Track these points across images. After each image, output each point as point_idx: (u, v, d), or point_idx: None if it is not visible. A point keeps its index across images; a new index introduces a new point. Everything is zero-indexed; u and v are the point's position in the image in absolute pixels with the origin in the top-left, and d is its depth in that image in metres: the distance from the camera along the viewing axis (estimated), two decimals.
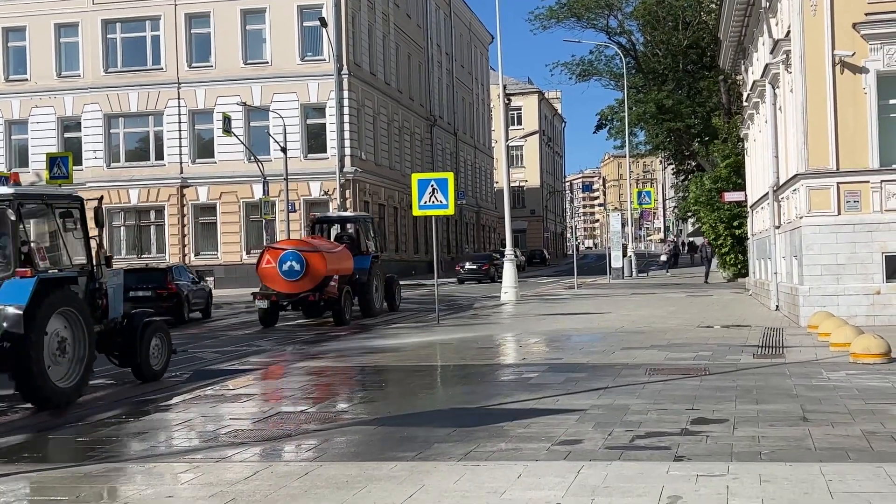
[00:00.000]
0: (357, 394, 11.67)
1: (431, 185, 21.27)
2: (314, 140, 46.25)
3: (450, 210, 21.61)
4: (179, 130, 46.59)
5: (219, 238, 46.42)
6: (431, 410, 9.79)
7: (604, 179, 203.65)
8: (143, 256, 45.60)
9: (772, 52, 20.60)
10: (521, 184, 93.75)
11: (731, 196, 31.54)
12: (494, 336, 18.69)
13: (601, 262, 52.52)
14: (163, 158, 46.97)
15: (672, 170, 68.68)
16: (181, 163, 46.64)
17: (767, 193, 22.51)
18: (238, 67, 45.98)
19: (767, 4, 22.11)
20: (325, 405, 10.60)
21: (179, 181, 46.45)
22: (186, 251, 46.35)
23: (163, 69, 46.67)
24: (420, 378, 12.73)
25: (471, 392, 11.11)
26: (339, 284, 23.22)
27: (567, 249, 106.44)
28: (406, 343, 17.41)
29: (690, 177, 50.08)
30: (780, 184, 21.27)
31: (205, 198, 46.58)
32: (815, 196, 17.90)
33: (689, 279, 42.67)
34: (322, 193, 45.49)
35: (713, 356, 13.52)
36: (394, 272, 31.27)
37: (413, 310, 26.88)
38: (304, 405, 10.55)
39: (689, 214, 53.16)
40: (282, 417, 9.69)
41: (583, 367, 12.67)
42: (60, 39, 47.48)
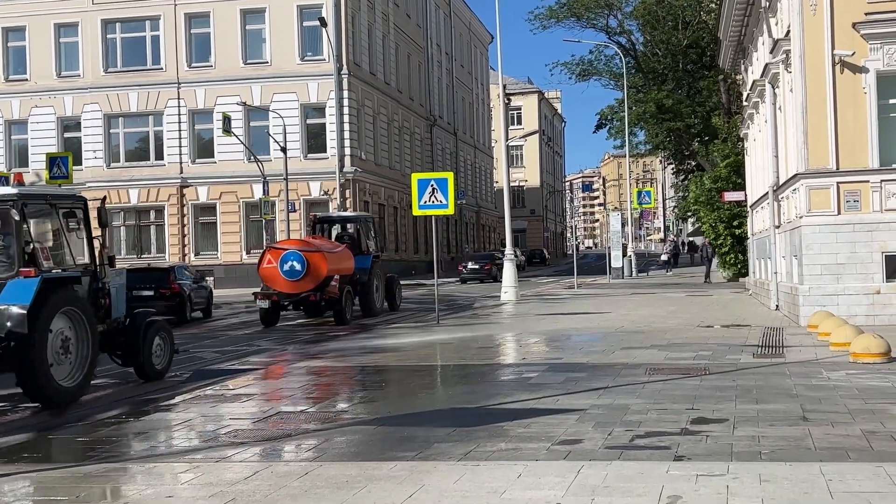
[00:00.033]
0: (357, 394, 11.67)
1: (431, 185, 21.28)
2: (314, 140, 46.25)
3: (450, 210, 21.62)
4: (179, 130, 46.59)
5: (219, 238, 46.42)
6: (431, 410, 9.80)
7: (604, 179, 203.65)
8: (143, 256, 45.58)
9: (771, 52, 20.60)
10: (521, 183, 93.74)
11: (731, 196, 31.55)
12: (494, 336, 18.69)
13: (601, 262, 52.52)
14: (163, 158, 46.97)
15: (672, 169, 68.67)
16: (181, 163, 46.63)
17: (767, 193, 22.52)
18: (238, 67, 45.98)
19: (767, 4, 22.11)
20: (325, 405, 10.61)
21: (179, 181, 46.45)
22: (186, 251, 46.35)
23: (163, 69, 46.67)
24: (420, 378, 12.73)
25: (471, 392, 11.11)
26: (340, 284, 23.22)
27: (567, 249, 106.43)
28: (406, 343, 17.41)
29: (690, 176, 50.09)
30: (780, 183, 21.27)
31: (205, 198, 46.59)
32: (815, 196, 17.91)
33: (690, 279, 42.67)
34: (322, 193, 45.49)
35: (713, 356, 13.52)
36: (394, 272, 31.27)
37: (413, 310, 26.88)
38: (304, 405, 10.56)
39: (689, 214, 53.16)
40: (282, 417, 9.69)
41: (583, 367, 12.67)
42: (60, 39, 47.48)
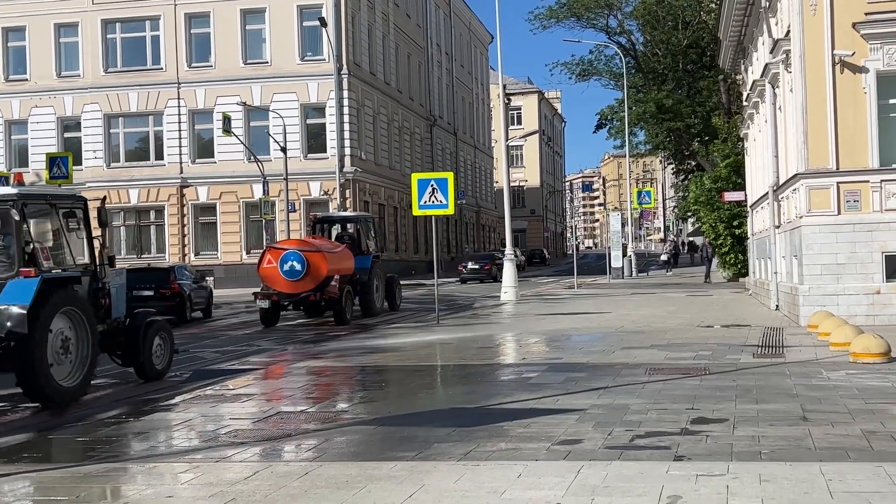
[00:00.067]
0: (357, 394, 11.67)
1: (431, 185, 21.28)
2: (314, 140, 46.24)
3: (450, 210, 21.63)
4: (179, 130, 46.59)
5: (219, 238, 46.42)
6: (431, 410, 9.80)
7: (604, 179, 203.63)
8: (143, 256, 45.59)
9: (771, 52, 20.60)
10: (521, 183, 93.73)
11: (731, 196, 31.55)
12: (494, 336, 18.69)
13: (601, 262, 52.51)
14: (163, 158, 46.97)
15: (672, 169, 68.68)
16: (181, 163, 46.63)
17: (767, 193, 22.51)
18: (238, 67, 45.98)
19: (767, 4, 22.11)
20: (325, 405, 10.61)
21: (179, 181, 46.45)
22: (186, 251, 46.34)
23: (163, 69, 46.67)
24: (420, 378, 12.73)
25: (471, 392, 11.11)
26: (340, 284, 23.23)
27: (567, 249, 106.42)
28: (406, 343, 17.41)
29: (690, 176, 50.08)
30: (780, 183, 21.27)
31: (205, 198, 46.58)
32: (815, 196, 17.90)
33: (689, 279, 42.66)
34: (322, 193, 45.49)
35: (713, 356, 13.52)
36: (394, 272, 31.27)
37: (413, 310, 26.88)
38: (304, 405, 10.56)
39: (689, 214, 53.15)
40: (282, 417, 9.69)
41: (583, 367, 12.67)
42: (60, 39, 47.48)
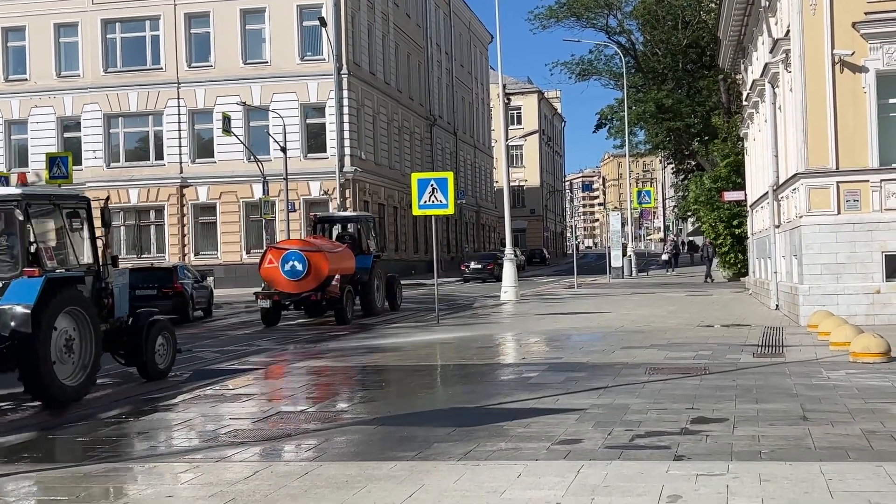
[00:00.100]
0: (357, 393, 11.67)
1: (431, 185, 21.29)
2: (314, 140, 46.24)
3: (449, 209, 21.64)
4: (179, 130, 46.58)
5: (219, 238, 46.43)
6: (431, 410, 9.79)
7: (603, 179, 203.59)
8: (143, 256, 45.60)
9: (771, 52, 20.60)
10: (521, 183, 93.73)
11: (731, 195, 31.55)
12: (494, 335, 18.69)
13: (601, 262, 52.51)
14: (162, 158, 46.97)
15: (672, 169, 68.68)
16: (181, 163, 46.63)
17: (767, 193, 22.51)
18: (238, 67, 45.98)
19: (767, 4, 22.11)
20: (325, 405, 10.61)
21: (179, 181, 46.45)
22: (186, 251, 46.34)
23: (162, 69, 46.66)
24: (420, 378, 12.73)
25: (471, 391, 11.11)
26: (341, 284, 23.25)
27: (567, 249, 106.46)
28: (406, 342, 17.41)
29: (690, 176, 50.08)
30: (780, 183, 21.27)
31: (205, 197, 46.58)
32: (815, 195, 17.90)
33: (690, 278, 42.67)
34: (322, 193, 45.49)
35: (713, 355, 13.52)
36: (393, 272, 31.29)
37: (413, 309, 26.88)
38: (304, 405, 10.56)
39: (689, 214, 53.15)
40: (282, 417, 9.69)
41: (583, 367, 12.67)
42: (60, 39, 47.47)
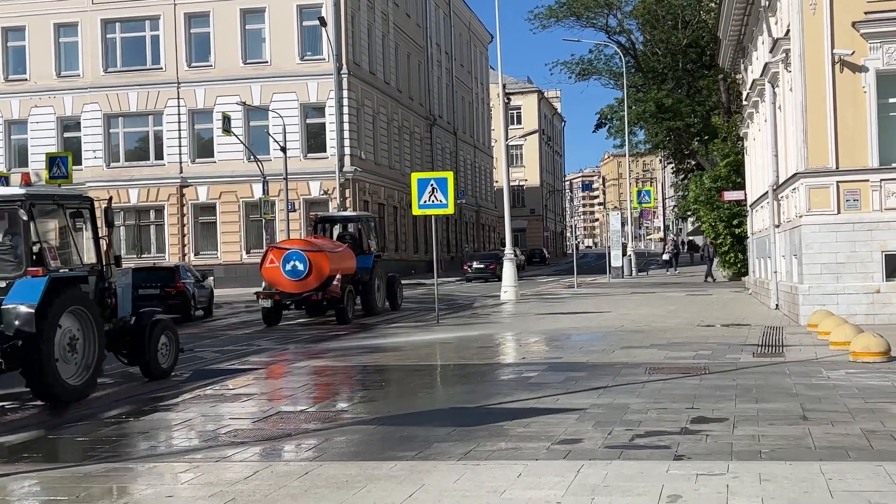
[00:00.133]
0: (357, 393, 11.67)
1: (431, 185, 21.29)
2: (314, 139, 46.23)
3: (449, 209, 21.65)
4: (179, 130, 46.57)
5: (218, 238, 46.41)
6: (431, 410, 9.79)
7: (603, 178, 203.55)
8: (143, 256, 45.59)
9: (771, 51, 20.60)
10: (521, 183, 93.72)
11: (731, 195, 31.55)
12: (494, 335, 18.68)
13: (601, 261, 52.52)
14: (162, 158, 46.95)
15: (672, 169, 68.66)
16: (181, 162, 46.61)
17: (767, 192, 22.51)
18: (237, 67, 45.96)
19: (767, 3, 22.10)
20: (325, 405, 10.61)
21: (179, 181, 46.43)
22: (186, 251, 46.33)
23: (162, 69, 46.65)
24: (420, 377, 12.73)
25: (470, 391, 11.11)
26: (342, 284, 23.27)
27: (567, 248, 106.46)
28: (406, 342, 17.41)
29: (690, 176, 50.06)
30: (780, 183, 21.27)
31: (204, 197, 46.57)
32: (815, 195, 17.91)
33: (689, 278, 42.67)
34: (322, 193, 45.48)
35: (713, 355, 13.53)
36: (394, 272, 31.30)
37: (413, 309, 26.89)
38: (304, 405, 10.57)
39: (689, 213, 53.13)
40: (282, 417, 9.69)
41: (582, 367, 12.67)
42: (60, 39, 47.45)
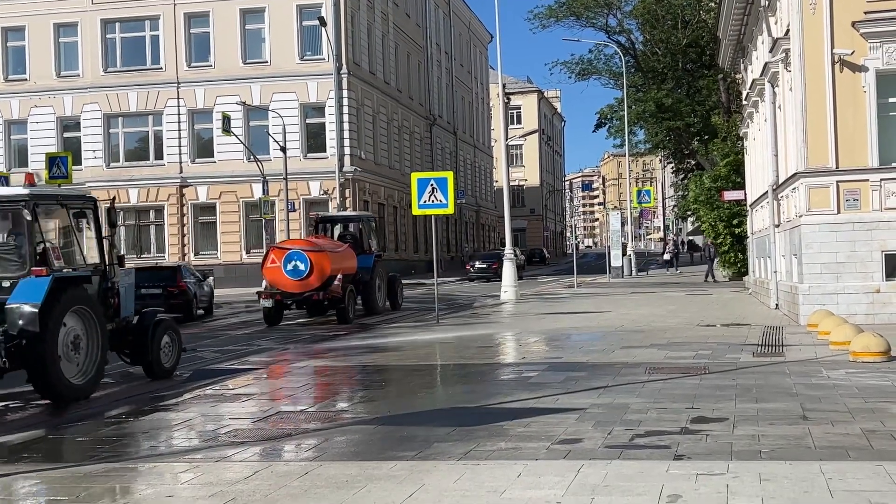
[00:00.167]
0: (357, 393, 11.67)
1: (431, 185, 21.29)
2: (314, 139, 46.22)
3: (449, 209, 21.66)
4: (179, 130, 46.55)
5: (218, 238, 46.41)
6: (431, 410, 9.79)
7: (603, 178, 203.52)
8: (143, 256, 45.57)
9: (771, 51, 20.60)
10: (521, 183, 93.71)
11: (731, 195, 31.56)
12: (494, 335, 18.69)
13: (601, 261, 52.52)
14: (162, 158, 46.93)
15: (671, 168, 68.64)
16: (181, 162, 46.60)
17: (767, 192, 22.51)
18: (237, 67, 45.94)
19: (767, 3, 22.10)
20: (325, 404, 10.62)
21: (179, 181, 46.42)
22: (186, 251, 46.32)
23: (162, 69, 46.63)
24: (420, 377, 12.73)
25: (470, 391, 11.11)
26: (343, 283, 23.30)
27: (567, 248, 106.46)
28: (406, 342, 17.41)
29: (690, 175, 50.07)
30: (780, 182, 21.27)
31: (204, 197, 46.55)
32: (815, 194, 17.91)
33: (689, 278, 42.67)
34: (322, 193, 45.47)
35: (713, 355, 13.53)
36: (394, 271, 31.31)
37: (413, 309, 26.89)
38: (304, 404, 10.57)
39: (689, 213, 53.13)
40: (282, 417, 9.69)
41: (582, 366, 12.67)
42: (60, 39, 47.43)
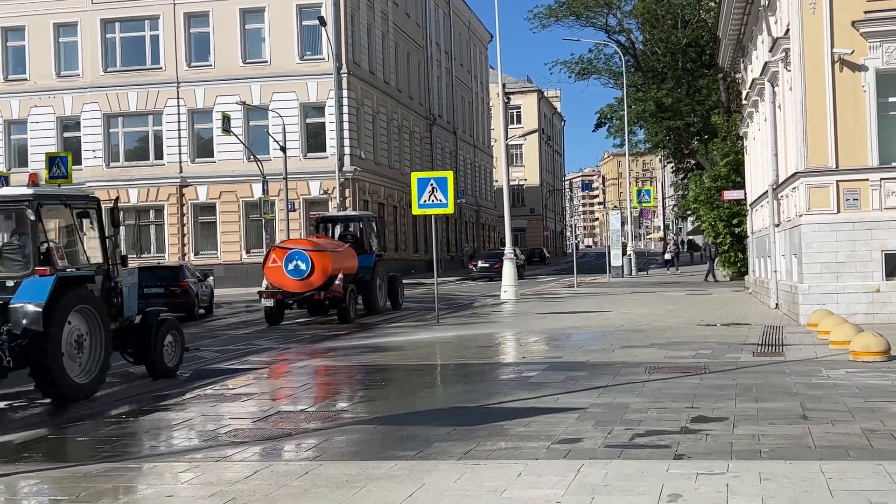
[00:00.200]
0: (357, 393, 11.67)
1: (431, 184, 21.30)
2: (313, 139, 46.21)
3: (449, 209, 21.66)
4: (179, 130, 46.55)
5: (218, 237, 46.40)
6: (431, 409, 9.79)
7: (603, 178, 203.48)
8: (143, 256, 45.54)
9: (771, 51, 20.59)
10: (521, 182, 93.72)
11: (731, 194, 31.56)
12: (494, 334, 18.69)
13: (601, 261, 52.51)
14: (162, 158, 46.92)
15: (671, 168, 68.64)
16: (180, 162, 46.59)
17: (767, 191, 22.51)
18: (237, 67, 45.93)
19: (767, 3, 22.10)
20: (325, 404, 10.62)
21: (179, 181, 46.42)
22: (186, 251, 46.31)
23: (162, 69, 46.62)
24: (420, 377, 12.73)
25: (471, 391, 11.11)
26: (344, 283, 23.32)
27: (566, 248, 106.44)
28: (406, 341, 17.41)
29: (690, 175, 50.06)
30: (780, 182, 21.27)
31: (204, 197, 46.55)
32: (815, 194, 17.91)
33: (689, 277, 42.68)
34: (321, 192, 45.46)
35: (713, 354, 13.53)
36: (394, 271, 31.31)
37: (413, 308, 26.89)
38: (304, 404, 10.57)
39: (689, 213, 53.14)
40: (282, 416, 9.69)
41: (582, 366, 12.67)
42: (59, 39, 47.42)
